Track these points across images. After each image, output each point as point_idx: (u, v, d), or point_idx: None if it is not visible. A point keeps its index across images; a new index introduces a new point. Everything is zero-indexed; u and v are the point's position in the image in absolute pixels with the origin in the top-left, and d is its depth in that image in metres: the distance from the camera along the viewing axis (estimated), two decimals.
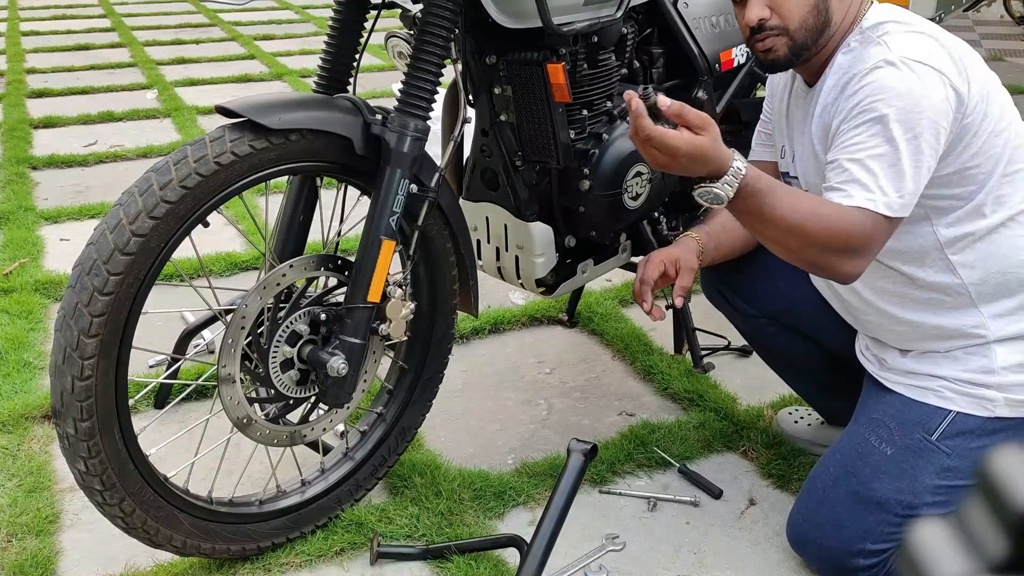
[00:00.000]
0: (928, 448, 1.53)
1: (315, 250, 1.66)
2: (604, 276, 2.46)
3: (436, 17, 1.56)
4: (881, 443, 1.56)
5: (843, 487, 1.58)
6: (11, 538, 1.72)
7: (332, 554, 1.71)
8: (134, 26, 7.49)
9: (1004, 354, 1.53)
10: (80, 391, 1.38)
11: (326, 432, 1.71)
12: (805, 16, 1.49)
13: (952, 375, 1.55)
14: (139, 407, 2.12)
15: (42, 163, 3.96)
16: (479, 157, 1.89)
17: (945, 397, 1.55)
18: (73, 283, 1.38)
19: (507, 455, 2.02)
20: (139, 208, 1.38)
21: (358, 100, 1.59)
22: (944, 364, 1.57)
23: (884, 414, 1.59)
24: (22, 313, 2.57)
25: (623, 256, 2.09)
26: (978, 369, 1.53)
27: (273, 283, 1.54)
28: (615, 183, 1.86)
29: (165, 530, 1.53)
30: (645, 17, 2.00)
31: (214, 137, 1.44)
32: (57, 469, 1.93)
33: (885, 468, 1.54)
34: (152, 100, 5.10)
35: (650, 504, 1.85)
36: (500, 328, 2.57)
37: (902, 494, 1.52)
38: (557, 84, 1.71)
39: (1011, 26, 7.51)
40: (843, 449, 1.62)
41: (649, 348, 2.43)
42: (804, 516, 1.63)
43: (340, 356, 1.54)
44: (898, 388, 1.61)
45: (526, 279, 1.92)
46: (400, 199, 1.55)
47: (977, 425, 1.52)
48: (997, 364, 1.53)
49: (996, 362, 1.53)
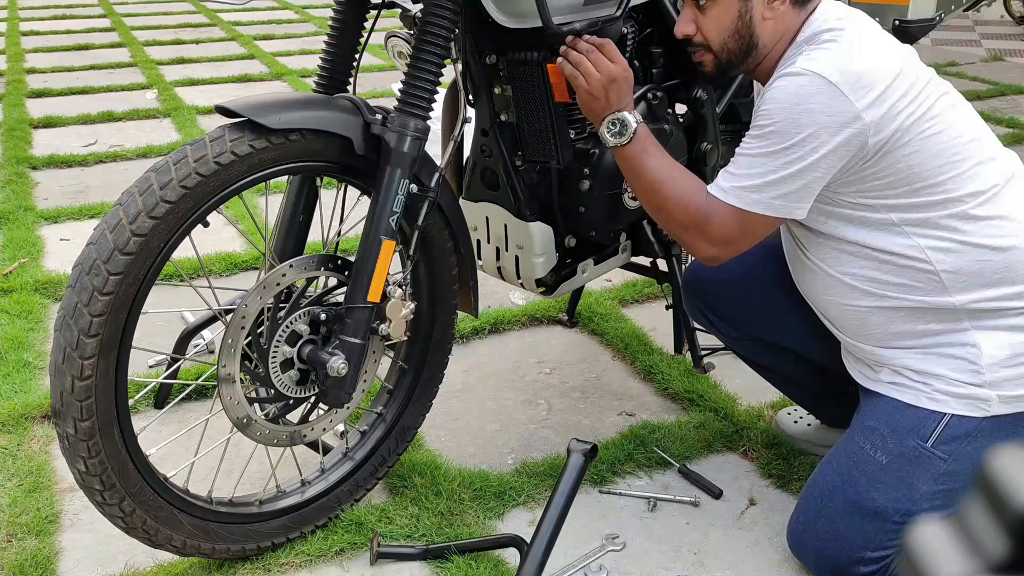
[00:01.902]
0: (923, 455, 1.51)
1: (315, 250, 1.66)
2: (604, 276, 2.46)
3: (436, 17, 1.56)
4: (876, 451, 1.54)
5: (840, 497, 1.56)
6: (11, 538, 1.72)
7: (332, 554, 1.71)
8: (134, 26, 7.49)
9: (990, 349, 1.49)
10: (80, 391, 1.38)
11: (326, 432, 1.71)
12: (725, 40, 1.57)
13: (941, 375, 1.52)
14: (139, 407, 2.12)
15: (42, 163, 3.96)
16: (479, 157, 1.89)
17: (937, 400, 1.52)
18: (73, 283, 1.38)
19: (507, 455, 2.02)
20: (139, 208, 1.38)
21: (358, 100, 1.59)
22: (929, 362, 1.53)
23: (878, 421, 1.57)
24: (22, 313, 2.57)
25: (623, 256, 2.09)
26: (966, 368, 1.50)
27: (273, 283, 1.54)
28: (615, 183, 1.86)
29: (165, 530, 1.53)
30: (645, 17, 2.00)
31: (214, 137, 1.44)
32: (57, 469, 1.93)
33: (881, 477, 1.53)
34: (152, 100, 5.10)
35: (650, 504, 1.85)
36: (500, 328, 2.57)
37: (900, 502, 1.51)
38: (557, 84, 1.71)
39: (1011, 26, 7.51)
40: (839, 457, 1.60)
41: (649, 348, 2.43)
42: (803, 525, 1.62)
43: (340, 356, 1.54)
44: (889, 392, 1.58)
45: (526, 279, 1.92)
46: (400, 199, 1.55)
47: (973, 427, 1.50)
48: (984, 361, 1.49)
49: (983, 359, 1.49)
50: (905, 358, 1.57)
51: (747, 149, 1.51)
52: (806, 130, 1.43)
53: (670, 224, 1.60)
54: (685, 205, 1.55)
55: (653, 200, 1.60)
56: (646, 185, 1.60)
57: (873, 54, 1.47)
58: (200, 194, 1.41)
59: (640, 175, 1.60)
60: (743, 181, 1.50)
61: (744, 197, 1.49)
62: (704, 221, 1.53)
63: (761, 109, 1.49)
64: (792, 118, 1.44)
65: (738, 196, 1.50)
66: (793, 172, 1.46)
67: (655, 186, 1.58)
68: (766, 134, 1.47)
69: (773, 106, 1.46)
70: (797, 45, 1.54)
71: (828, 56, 1.46)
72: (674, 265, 2.10)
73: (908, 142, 1.45)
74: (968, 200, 1.48)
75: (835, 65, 1.43)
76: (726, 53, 1.58)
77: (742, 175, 1.50)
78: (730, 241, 1.54)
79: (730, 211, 1.51)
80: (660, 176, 1.57)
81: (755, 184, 1.48)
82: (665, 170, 1.58)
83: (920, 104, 1.46)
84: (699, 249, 1.57)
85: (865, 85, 1.42)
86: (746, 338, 1.91)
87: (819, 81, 1.43)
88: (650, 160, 1.58)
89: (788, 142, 1.45)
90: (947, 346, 1.53)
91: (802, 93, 1.44)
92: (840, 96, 1.42)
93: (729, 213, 1.51)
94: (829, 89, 1.42)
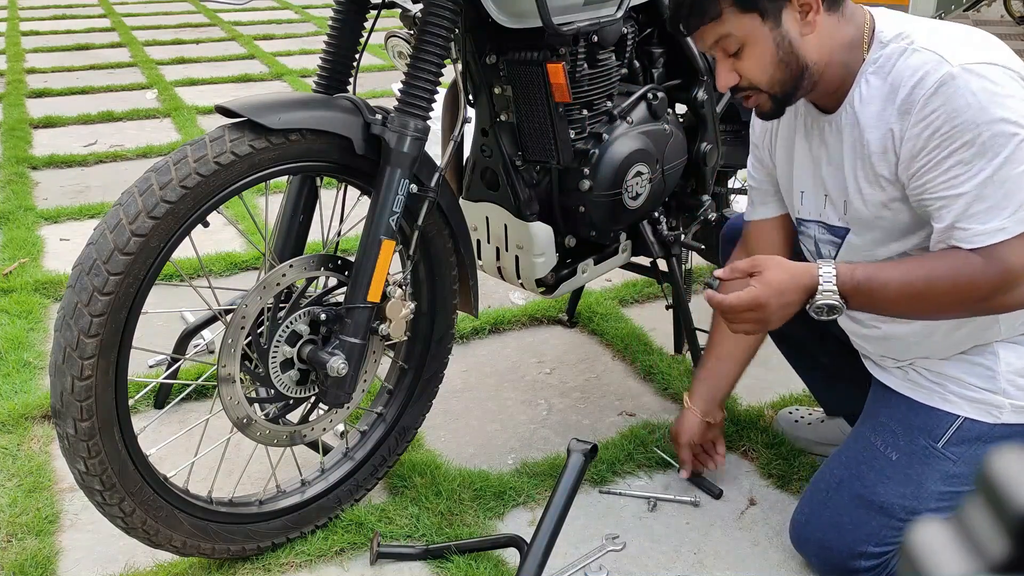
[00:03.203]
0: (934, 455, 1.51)
1: (315, 250, 1.66)
2: (604, 276, 2.46)
3: (436, 17, 1.56)
4: (887, 448, 1.55)
5: (847, 490, 1.57)
6: (11, 538, 1.72)
7: (332, 554, 1.71)
8: (134, 26, 7.49)
9: (1009, 358, 1.50)
10: (80, 391, 1.38)
11: (326, 432, 1.71)
12: (772, 74, 1.44)
13: (958, 377, 1.53)
14: (139, 407, 2.12)
15: (42, 163, 3.96)
16: (479, 157, 1.89)
17: (951, 402, 1.52)
18: (73, 283, 1.38)
19: (507, 455, 2.02)
20: (139, 208, 1.38)
21: (358, 100, 1.59)
22: (947, 366, 1.54)
23: (890, 418, 1.58)
24: (22, 313, 2.57)
25: (623, 256, 2.09)
26: (982, 374, 1.51)
27: (273, 283, 1.54)
28: (615, 183, 1.86)
29: (165, 530, 1.53)
30: (645, 17, 2.00)
31: (214, 137, 1.44)
32: (57, 469, 1.93)
33: (890, 473, 1.53)
34: (152, 100, 5.10)
35: (650, 504, 1.85)
36: (500, 328, 2.57)
37: (906, 499, 1.51)
38: (557, 84, 1.71)
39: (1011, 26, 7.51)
40: (848, 452, 1.61)
41: (649, 348, 2.43)
42: (807, 517, 1.63)
43: (340, 356, 1.54)
44: (903, 389, 1.59)
45: (526, 279, 1.92)
46: (400, 199, 1.55)
47: (984, 431, 1.50)
48: (1001, 368, 1.50)
49: (1000, 366, 1.50)
50: (923, 361, 1.58)
51: (970, 175, 1.31)
52: (1012, 115, 1.29)
53: (967, 309, 1.39)
54: (962, 284, 1.33)
55: (926, 308, 1.39)
56: (904, 305, 1.39)
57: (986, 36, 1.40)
58: (200, 194, 1.41)
59: (894, 304, 1.39)
60: (1005, 207, 1.30)
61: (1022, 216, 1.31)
62: (998, 277, 1.31)
63: (954, 128, 1.31)
64: (997, 116, 1.29)
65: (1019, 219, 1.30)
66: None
67: (915, 299, 1.37)
68: (983, 143, 1.29)
69: (966, 116, 1.30)
70: (883, 44, 1.41)
71: (950, 49, 1.33)
72: (674, 265, 2.10)
73: None
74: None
75: (978, 52, 1.33)
76: (778, 86, 1.45)
77: (996, 206, 1.30)
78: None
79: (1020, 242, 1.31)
80: (911, 288, 1.36)
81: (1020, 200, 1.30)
82: (910, 275, 1.37)
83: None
84: (1009, 299, 1.34)
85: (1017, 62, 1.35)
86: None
87: (989, 71, 1.30)
88: (887, 290, 1.37)
89: (1012, 142, 1.29)
90: (968, 353, 1.53)
91: (979, 88, 1.29)
92: (1015, 75, 1.33)
93: (1019, 244, 1.31)
94: (1002, 73, 1.30)
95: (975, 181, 1.31)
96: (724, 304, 1.41)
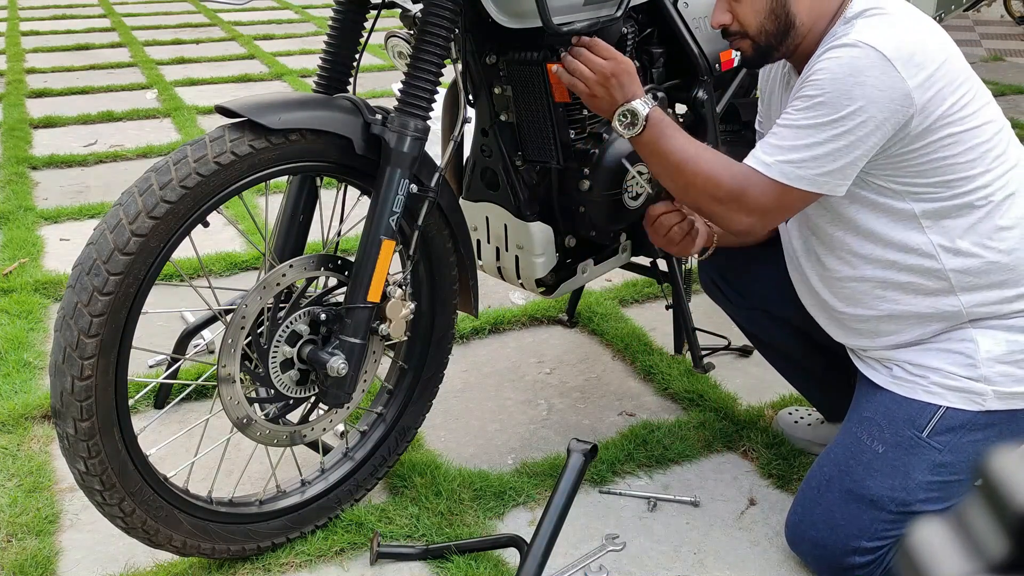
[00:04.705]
0: (919, 445, 1.53)
1: (315, 250, 1.66)
2: (604, 276, 2.46)
3: (436, 17, 1.56)
4: (873, 441, 1.57)
5: (837, 486, 1.58)
6: (11, 538, 1.72)
7: (332, 554, 1.71)
8: (134, 26, 7.49)
9: (987, 345, 1.52)
10: (80, 391, 1.38)
11: (326, 432, 1.71)
12: (762, 23, 1.55)
13: (938, 368, 1.54)
14: (139, 407, 2.12)
15: (42, 163, 3.96)
16: (479, 157, 1.89)
17: (933, 392, 1.54)
18: (73, 283, 1.38)
19: (507, 455, 2.02)
20: (139, 208, 1.38)
21: (358, 100, 1.59)
22: (928, 358, 1.56)
23: (875, 412, 1.59)
24: (22, 313, 2.57)
25: (623, 256, 2.09)
26: (962, 362, 1.53)
27: (273, 283, 1.54)
28: (615, 183, 1.86)
29: (165, 530, 1.53)
30: (645, 17, 2.00)
31: (214, 137, 1.44)
32: (57, 469, 1.93)
33: (877, 466, 1.55)
34: (152, 100, 5.10)
35: (650, 504, 1.85)
36: (500, 328, 2.57)
37: (895, 491, 1.53)
38: (557, 84, 1.71)
39: (1011, 26, 7.51)
40: (836, 449, 1.62)
41: (649, 348, 2.43)
42: (800, 516, 1.63)
43: (340, 356, 1.54)
44: (887, 384, 1.60)
45: (526, 279, 1.92)
46: (400, 199, 1.55)
47: (968, 419, 1.52)
48: (980, 356, 1.51)
49: (980, 354, 1.51)
50: (905, 354, 1.60)
51: (792, 120, 1.47)
52: (856, 103, 1.41)
53: (702, 200, 1.54)
54: (717, 179, 1.50)
55: (680, 180, 1.55)
56: (671, 167, 1.56)
57: (923, 36, 1.45)
58: (200, 194, 1.41)
59: (663, 158, 1.56)
60: (788, 155, 1.46)
61: (789, 172, 1.46)
62: (740, 193, 1.49)
63: (811, 79, 1.46)
64: (844, 90, 1.41)
65: (782, 171, 1.46)
66: (841, 147, 1.43)
67: (680, 166, 1.54)
68: (815, 104, 1.44)
69: (825, 76, 1.43)
70: (846, 20, 1.50)
71: (882, 31, 1.43)
72: (674, 265, 2.10)
73: (947, 131, 1.45)
74: (988, 201, 1.49)
75: (890, 40, 1.41)
76: (764, 36, 1.56)
77: (786, 147, 1.46)
78: (767, 212, 1.50)
79: (770, 184, 1.47)
80: (684, 155, 1.54)
81: (801, 158, 1.45)
82: (688, 148, 1.55)
83: (963, 95, 1.46)
84: (735, 220, 1.52)
85: (917, 64, 1.41)
86: (755, 308, 1.92)
87: (873, 54, 1.40)
88: (669, 142, 1.55)
89: (838, 114, 1.42)
90: (946, 342, 1.56)
91: (856, 65, 1.41)
92: (893, 71, 1.40)
93: (769, 186, 1.47)
94: (883, 63, 1.40)
95: (786, 121, 1.48)
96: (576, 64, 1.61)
